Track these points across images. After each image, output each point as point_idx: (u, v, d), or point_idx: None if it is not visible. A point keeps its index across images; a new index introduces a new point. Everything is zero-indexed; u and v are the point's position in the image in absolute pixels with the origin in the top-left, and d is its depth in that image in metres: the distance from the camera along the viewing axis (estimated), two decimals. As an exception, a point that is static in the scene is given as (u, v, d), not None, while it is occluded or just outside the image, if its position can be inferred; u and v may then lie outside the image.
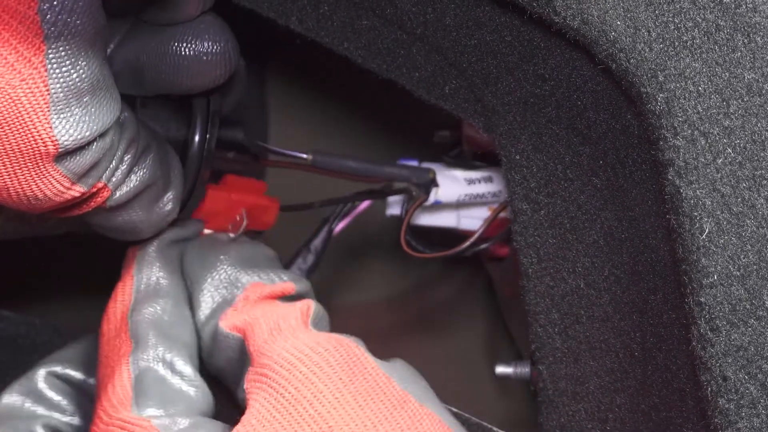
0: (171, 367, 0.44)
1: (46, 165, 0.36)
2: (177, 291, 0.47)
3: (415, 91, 0.49)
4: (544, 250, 0.47)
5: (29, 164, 0.36)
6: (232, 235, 0.51)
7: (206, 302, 0.47)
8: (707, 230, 0.39)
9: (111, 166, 0.39)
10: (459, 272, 0.76)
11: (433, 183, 0.57)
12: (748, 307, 0.39)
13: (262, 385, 0.41)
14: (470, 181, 0.58)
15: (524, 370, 0.53)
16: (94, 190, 0.39)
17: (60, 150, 0.35)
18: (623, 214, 0.45)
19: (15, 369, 0.59)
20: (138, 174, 0.41)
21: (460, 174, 0.58)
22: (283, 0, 0.48)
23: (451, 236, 0.61)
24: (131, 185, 0.41)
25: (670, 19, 0.39)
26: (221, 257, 0.48)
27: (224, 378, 0.47)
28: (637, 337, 0.45)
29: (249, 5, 0.48)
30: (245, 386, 0.42)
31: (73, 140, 0.35)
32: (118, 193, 0.41)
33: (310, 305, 0.46)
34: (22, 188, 0.36)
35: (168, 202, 0.44)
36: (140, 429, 0.41)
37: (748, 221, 0.39)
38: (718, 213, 0.39)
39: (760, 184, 0.39)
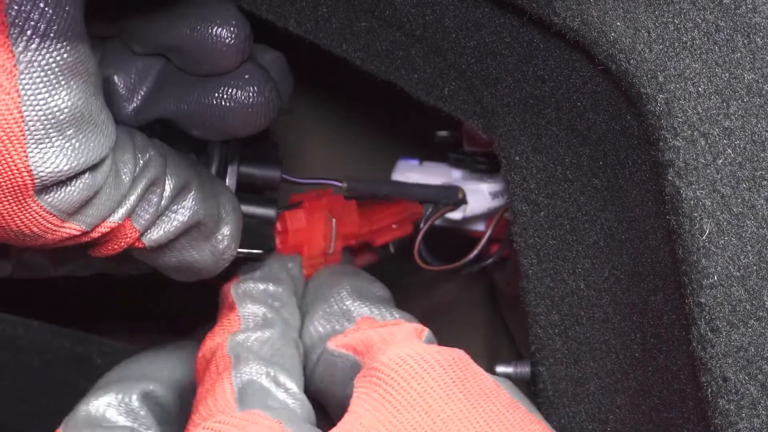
0: (275, 380, 0.43)
1: (27, 199, 0.34)
2: (283, 325, 0.47)
3: (415, 92, 0.49)
4: (544, 251, 0.47)
5: (8, 197, 0.34)
6: (330, 252, 0.53)
7: (316, 330, 0.48)
8: (707, 231, 0.39)
9: (125, 206, 0.38)
10: (459, 272, 0.76)
11: (463, 201, 0.57)
12: (748, 307, 0.39)
13: (372, 379, 0.41)
14: (494, 195, 0.59)
15: (524, 370, 0.53)
16: (106, 230, 0.38)
17: (37, 183, 0.34)
18: (623, 215, 0.45)
19: (14, 370, 0.59)
20: (178, 213, 0.41)
21: (485, 187, 0.58)
22: (281, 2, 0.48)
23: (453, 235, 0.61)
24: (171, 225, 0.41)
25: (670, 19, 0.39)
26: (337, 289, 0.49)
27: (325, 399, 0.48)
28: (637, 338, 0.45)
29: (248, 7, 0.48)
30: (354, 383, 0.42)
31: (50, 173, 0.34)
32: (156, 234, 0.40)
33: (424, 328, 0.46)
34: (6, 222, 0.35)
35: (223, 240, 0.44)
36: (253, 417, 0.40)
37: (748, 222, 0.39)
38: (718, 214, 0.39)
39: (760, 185, 0.39)
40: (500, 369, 0.54)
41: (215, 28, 0.42)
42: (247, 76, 0.43)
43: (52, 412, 0.57)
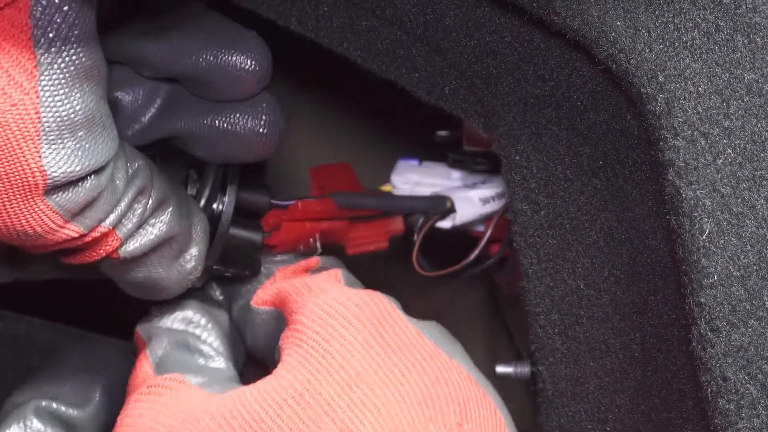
0: (188, 347, 0.45)
1: (35, 198, 0.35)
2: (197, 302, 0.49)
3: (415, 91, 0.49)
4: (544, 251, 0.47)
5: (17, 195, 0.34)
6: (317, 252, 0.54)
7: (244, 293, 0.50)
8: (707, 231, 0.39)
9: (116, 211, 0.39)
10: (460, 275, 0.76)
11: (451, 210, 0.57)
12: (748, 307, 0.39)
13: (295, 340, 0.42)
14: (485, 201, 0.59)
15: (524, 370, 0.53)
16: (98, 234, 0.38)
17: (49, 182, 0.34)
18: (623, 215, 0.45)
19: (15, 368, 0.59)
20: (155, 227, 0.41)
21: (475, 195, 0.59)
22: (282, 1, 0.48)
23: (453, 236, 0.61)
24: (147, 238, 0.41)
25: (670, 19, 0.39)
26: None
27: (263, 354, 0.49)
28: (637, 338, 0.45)
29: (249, 6, 0.48)
30: (280, 344, 0.43)
31: (62, 173, 0.34)
32: (132, 245, 0.40)
33: (338, 270, 0.47)
34: (11, 221, 0.35)
35: (191, 259, 0.44)
36: (171, 383, 0.42)
37: (748, 222, 0.39)
38: (718, 213, 0.39)
39: (760, 185, 0.39)
40: (500, 369, 0.54)
41: (239, 56, 0.42)
42: (264, 105, 0.43)
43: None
